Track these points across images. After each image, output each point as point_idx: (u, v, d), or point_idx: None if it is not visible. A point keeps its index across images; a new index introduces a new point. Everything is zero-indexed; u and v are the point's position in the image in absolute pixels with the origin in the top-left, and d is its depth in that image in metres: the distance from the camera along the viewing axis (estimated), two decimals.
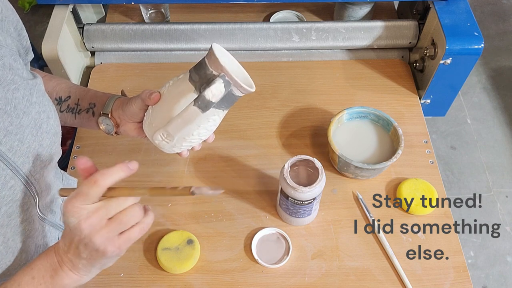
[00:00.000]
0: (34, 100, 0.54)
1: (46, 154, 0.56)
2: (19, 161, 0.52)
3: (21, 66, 0.55)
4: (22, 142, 0.52)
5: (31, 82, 0.55)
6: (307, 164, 0.74)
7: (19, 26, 0.58)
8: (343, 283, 0.73)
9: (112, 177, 0.48)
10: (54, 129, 0.57)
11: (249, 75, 0.61)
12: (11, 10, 0.56)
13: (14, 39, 0.56)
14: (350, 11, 1.06)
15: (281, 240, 0.77)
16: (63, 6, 0.96)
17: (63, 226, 0.62)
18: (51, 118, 0.57)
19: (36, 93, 0.55)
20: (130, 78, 1.00)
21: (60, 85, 0.68)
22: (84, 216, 0.47)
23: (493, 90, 1.92)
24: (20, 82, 0.52)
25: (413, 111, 0.95)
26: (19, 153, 0.51)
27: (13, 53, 0.54)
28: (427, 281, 0.74)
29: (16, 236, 0.55)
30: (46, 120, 0.56)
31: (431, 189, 0.81)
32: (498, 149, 1.75)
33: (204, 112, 0.53)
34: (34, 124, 0.53)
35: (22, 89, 0.52)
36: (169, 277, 0.74)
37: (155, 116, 0.58)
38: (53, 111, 0.58)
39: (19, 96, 0.52)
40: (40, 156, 0.55)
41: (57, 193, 0.65)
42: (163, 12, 1.09)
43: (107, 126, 0.65)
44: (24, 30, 0.59)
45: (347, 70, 1.02)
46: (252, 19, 1.13)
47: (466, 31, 0.89)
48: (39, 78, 0.58)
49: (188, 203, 0.81)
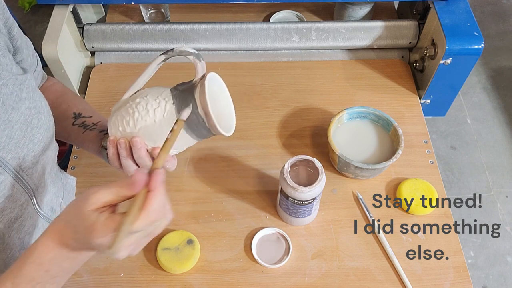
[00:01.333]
0: (23, 96, 0.54)
1: (38, 149, 0.56)
2: (8, 156, 0.51)
3: (10, 62, 0.54)
4: (10, 138, 0.51)
5: (21, 78, 0.54)
6: (307, 164, 0.74)
7: (9, 23, 0.57)
8: (343, 283, 0.73)
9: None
10: (45, 124, 0.57)
11: (234, 121, 0.58)
12: (1, 9, 0.56)
13: (3, 35, 0.56)
14: (350, 11, 1.06)
15: (281, 240, 0.77)
16: (63, 6, 0.96)
17: None
18: (42, 113, 0.56)
19: (26, 89, 0.54)
20: (130, 78, 1.00)
21: (85, 106, 0.69)
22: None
23: (493, 90, 1.92)
24: (9, 78, 0.52)
25: (413, 111, 0.95)
26: (7, 149, 0.51)
27: (1, 48, 0.54)
28: (427, 281, 0.74)
29: (11, 232, 0.55)
30: (37, 116, 0.55)
31: (431, 189, 0.81)
32: (498, 149, 1.75)
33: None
34: (24, 120, 0.53)
35: (10, 84, 0.52)
36: (169, 277, 0.74)
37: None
38: (44, 106, 0.58)
39: (7, 91, 0.51)
40: (32, 152, 0.55)
41: (56, 191, 0.65)
42: (163, 12, 1.09)
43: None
44: (15, 29, 0.58)
45: (347, 70, 1.02)
46: (252, 19, 1.13)
47: (466, 31, 0.89)
48: (30, 74, 0.57)
49: (188, 203, 0.81)
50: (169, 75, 1.01)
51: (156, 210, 0.43)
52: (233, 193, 0.83)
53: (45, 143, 0.57)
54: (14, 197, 0.54)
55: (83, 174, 0.85)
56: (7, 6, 0.58)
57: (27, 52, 0.62)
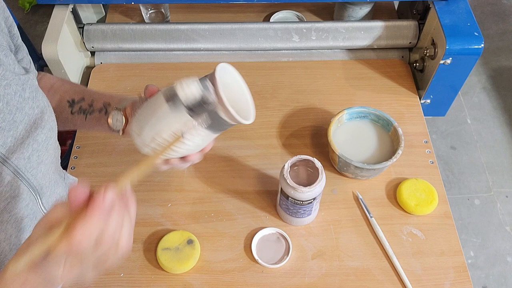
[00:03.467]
0: (27, 96, 0.53)
1: (42, 149, 0.56)
2: (13, 157, 0.51)
3: (13, 62, 0.54)
4: (15, 138, 0.51)
5: (23, 78, 0.54)
6: (307, 164, 0.74)
7: (9, 22, 0.57)
8: (343, 283, 0.73)
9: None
10: (49, 124, 0.57)
11: (253, 108, 0.57)
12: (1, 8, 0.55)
13: (5, 34, 0.56)
14: (350, 11, 1.06)
15: (281, 240, 0.77)
16: (63, 6, 0.96)
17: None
18: (45, 113, 0.56)
19: (29, 89, 0.54)
20: (130, 78, 1.00)
21: (74, 88, 0.68)
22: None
23: (493, 90, 1.92)
24: (12, 78, 0.52)
25: (413, 111, 0.95)
26: (12, 149, 0.51)
27: (4, 48, 0.54)
28: (427, 281, 0.74)
29: (18, 233, 0.55)
30: (40, 115, 0.55)
31: (431, 189, 0.81)
32: (498, 149, 1.75)
33: (169, 105, 0.50)
34: (28, 120, 0.53)
35: (14, 84, 0.52)
36: (169, 277, 0.74)
37: (142, 108, 0.56)
38: (47, 106, 0.58)
39: (11, 92, 0.51)
40: (36, 152, 0.55)
41: (60, 191, 0.65)
42: (163, 12, 1.09)
43: (116, 121, 0.63)
44: (15, 27, 0.58)
45: (347, 70, 1.02)
46: (252, 19, 1.13)
47: (466, 31, 0.89)
48: (32, 73, 0.57)
49: (188, 203, 0.81)
50: (169, 75, 1.01)
51: (84, 236, 0.37)
52: (233, 193, 0.83)
53: (49, 142, 0.57)
54: (21, 197, 0.54)
55: (83, 174, 0.85)
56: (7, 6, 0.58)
57: (25, 50, 0.62)
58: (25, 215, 0.55)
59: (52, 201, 0.62)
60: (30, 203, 0.56)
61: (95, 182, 0.85)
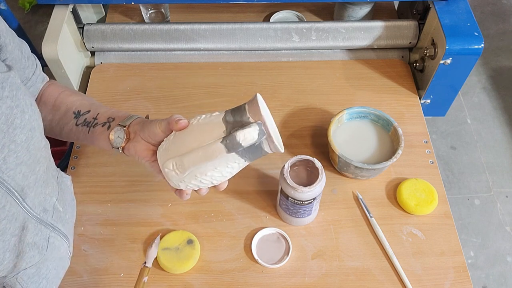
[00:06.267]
0: (5, 94, 0.51)
1: (21, 150, 0.53)
2: None
3: None
4: None
5: (3, 76, 0.52)
6: (307, 164, 0.74)
7: None
8: (343, 283, 0.73)
9: None
10: (30, 124, 0.55)
11: (280, 137, 0.60)
12: None
13: None
14: (350, 11, 1.06)
15: (281, 240, 0.77)
16: (63, 6, 0.96)
17: (54, 225, 0.60)
18: (26, 112, 0.54)
19: (8, 87, 0.52)
20: (130, 78, 1.00)
21: (82, 101, 0.67)
22: None
23: (493, 90, 1.92)
24: None
25: (413, 111, 0.95)
26: None
27: None
28: (427, 281, 0.74)
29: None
30: (20, 115, 0.53)
31: (431, 189, 0.81)
32: (498, 149, 1.75)
33: (229, 152, 0.52)
34: (5, 120, 0.51)
35: None
36: (169, 277, 0.74)
37: (175, 143, 0.56)
38: (29, 105, 0.55)
39: None
40: (14, 153, 0.52)
41: (50, 191, 0.63)
42: (163, 12, 1.09)
43: (117, 138, 0.62)
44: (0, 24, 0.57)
45: (347, 70, 1.02)
46: (252, 19, 1.13)
47: (466, 31, 0.89)
48: (14, 71, 0.55)
49: (188, 203, 0.81)
50: (169, 75, 1.01)
51: None
52: (233, 193, 0.83)
53: (30, 143, 0.55)
54: None
55: (83, 174, 0.85)
56: (7, 6, 0.57)
57: (18, 53, 0.60)
58: (2, 217, 0.52)
59: (40, 201, 0.59)
60: (7, 204, 0.53)
61: (95, 182, 0.84)
